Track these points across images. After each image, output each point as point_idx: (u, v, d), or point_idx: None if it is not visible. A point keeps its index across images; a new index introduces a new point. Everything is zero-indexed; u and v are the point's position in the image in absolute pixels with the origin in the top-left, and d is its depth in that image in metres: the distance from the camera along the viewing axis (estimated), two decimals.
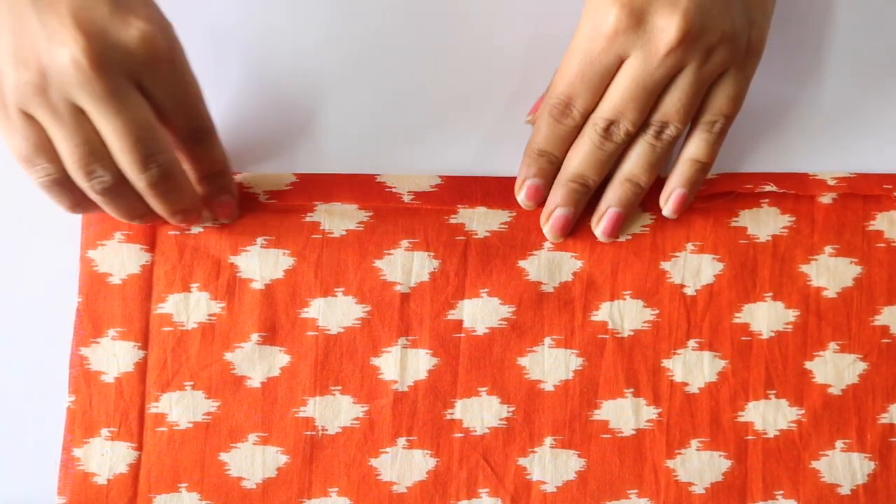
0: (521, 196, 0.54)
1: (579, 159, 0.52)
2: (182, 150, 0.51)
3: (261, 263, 0.54)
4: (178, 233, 0.54)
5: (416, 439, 0.54)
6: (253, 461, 0.54)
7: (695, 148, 0.52)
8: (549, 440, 0.54)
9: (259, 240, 0.54)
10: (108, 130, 0.47)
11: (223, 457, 0.54)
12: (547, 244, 0.54)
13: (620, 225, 0.54)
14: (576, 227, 0.54)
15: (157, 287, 0.54)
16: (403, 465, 0.54)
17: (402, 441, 0.54)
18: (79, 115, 0.46)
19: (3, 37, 0.46)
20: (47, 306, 0.55)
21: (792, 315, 0.54)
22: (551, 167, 0.53)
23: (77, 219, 0.54)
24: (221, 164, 0.53)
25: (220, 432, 0.54)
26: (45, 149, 0.47)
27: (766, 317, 0.54)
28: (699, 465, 0.53)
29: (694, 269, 0.54)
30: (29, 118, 0.47)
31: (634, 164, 0.52)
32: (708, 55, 0.49)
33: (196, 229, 0.54)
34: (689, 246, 0.54)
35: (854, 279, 0.54)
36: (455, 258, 0.54)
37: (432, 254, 0.54)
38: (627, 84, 0.50)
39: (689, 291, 0.54)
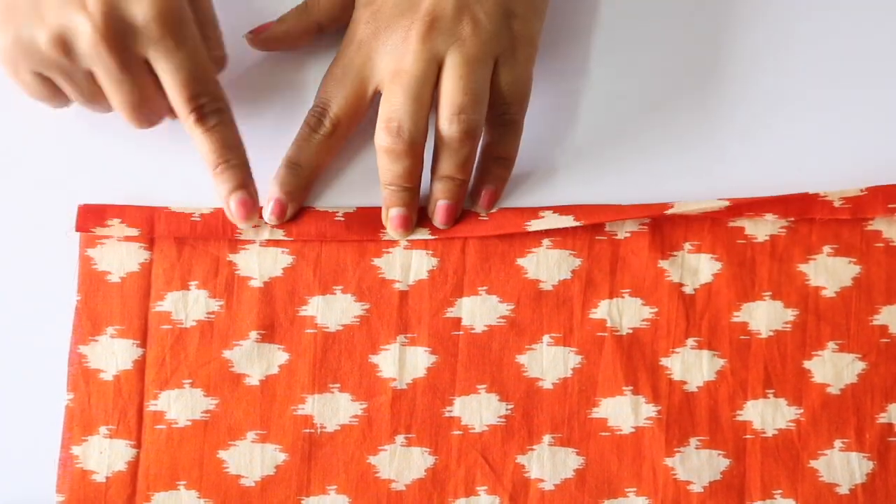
0: (268, 212, 0.54)
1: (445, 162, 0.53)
2: (192, 131, 0.51)
3: (259, 261, 0.54)
4: (177, 222, 0.54)
5: (415, 437, 0.54)
6: (251, 459, 0.54)
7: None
8: (547, 438, 0.54)
9: (258, 238, 0.54)
10: (114, 100, 0.50)
11: (222, 455, 0.54)
12: (546, 242, 0.54)
13: (453, 214, 0.54)
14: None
15: (155, 285, 0.54)
16: (402, 462, 0.54)
17: (400, 439, 0.54)
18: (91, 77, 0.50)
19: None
20: (47, 304, 0.55)
21: (791, 314, 0.54)
22: (302, 181, 0.54)
23: (67, 216, 0.54)
24: (235, 152, 0.53)
25: (219, 430, 0.54)
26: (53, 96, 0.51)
27: (764, 316, 0.54)
28: (698, 464, 0.53)
29: (692, 268, 0.54)
30: (37, 74, 0.50)
31: (441, 182, 0.53)
32: (463, 42, 0.50)
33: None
34: (687, 245, 0.54)
35: (853, 279, 0.54)
36: (453, 256, 0.54)
37: (431, 252, 0.54)
38: (393, 85, 0.51)
39: (688, 290, 0.54)
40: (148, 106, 0.51)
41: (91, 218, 0.54)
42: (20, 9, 0.48)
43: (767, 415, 0.53)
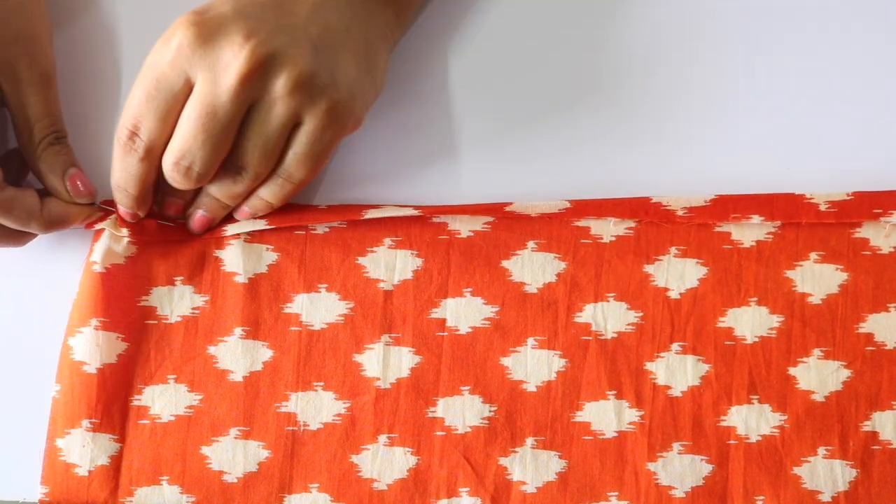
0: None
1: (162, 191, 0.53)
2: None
3: (245, 258, 0.54)
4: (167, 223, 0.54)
5: (398, 437, 0.54)
6: (234, 455, 0.54)
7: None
8: (530, 440, 0.54)
9: (243, 234, 0.54)
10: None
11: (204, 450, 0.54)
12: (531, 244, 0.54)
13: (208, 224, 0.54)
14: (560, 228, 0.54)
15: (141, 280, 0.54)
16: (384, 462, 0.54)
17: (383, 438, 0.54)
18: None
19: None
20: (50, 294, 0.55)
21: (776, 321, 0.54)
22: (131, 200, 0.52)
23: None
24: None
25: (202, 426, 0.54)
26: None
27: (750, 322, 0.54)
28: (680, 469, 0.53)
29: (678, 273, 0.54)
30: None
31: (209, 198, 0.52)
32: (281, 96, 0.48)
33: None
34: (673, 250, 0.54)
35: (839, 286, 0.54)
36: (438, 257, 0.54)
37: (416, 252, 0.54)
38: (195, 116, 0.48)
39: (674, 295, 0.54)
40: None
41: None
42: None
43: (752, 420, 0.53)
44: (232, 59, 0.47)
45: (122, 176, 0.51)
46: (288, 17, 0.48)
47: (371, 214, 0.53)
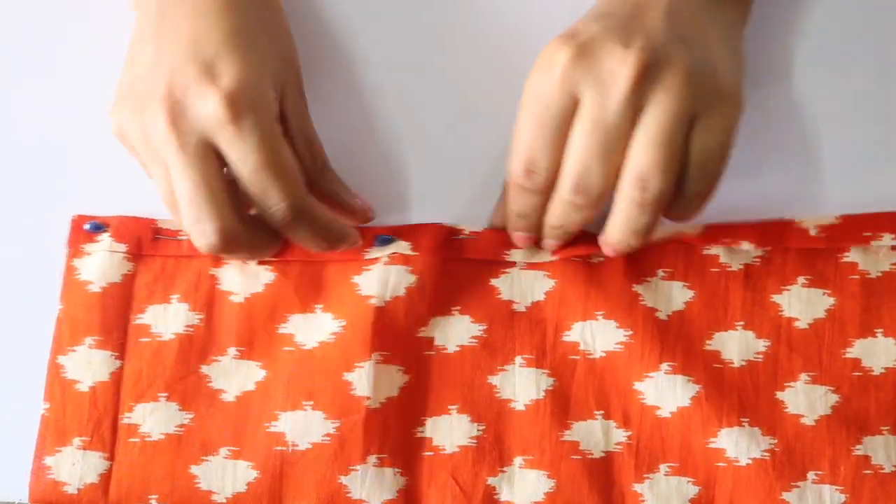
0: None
1: (555, 215, 0.51)
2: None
3: (241, 277, 0.55)
4: (164, 237, 0.55)
5: (387, 457, 0.53)
6: (223, 475, 0.54)
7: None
8: (518, 460, 0.53)
9: None
10: (176, 188, 0.48)
11: (194, 470, 0.54)
12: (520, 262, 0.55)
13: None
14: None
15: (137, 297, 0.55)
16: (373, 482, 0.53)
17: (372, 459, 0.53)
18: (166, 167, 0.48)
19: (130, 78, 0.50)
20: (34, 312, 0.55)
21: (762, 345, 0.54)
22: (532, 224, 0.52)
23: (62, 225, 0.56)
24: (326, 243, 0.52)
25: (192, 445, 0.54)
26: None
27: (736, 346, 0.54)
28: (667, 491, 0.53)
29: (665, 295, 0.55)
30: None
31: (616, 229, 0.49)
32: (669, 95, 0.47)
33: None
34: (660, 272, 0.55)
35: (826, 311, 0.54)
36: (432, 274, 0.54)
37: (410, 268, 0.55)
38: (587, 132, 0.47)
39: (662, 316, 0.54)
40: (197, 209, 0.48)
41: (83, 235, 0.55)
42: (122, 93, 0.50)
43: (742, 443, 0.53)
44: (619, 67, 0.46)
45: (521, 209, 0.52)
46: (652, 21, 0.48)
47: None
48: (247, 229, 0.49)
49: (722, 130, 0.48)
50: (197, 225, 0.48)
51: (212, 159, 0.47)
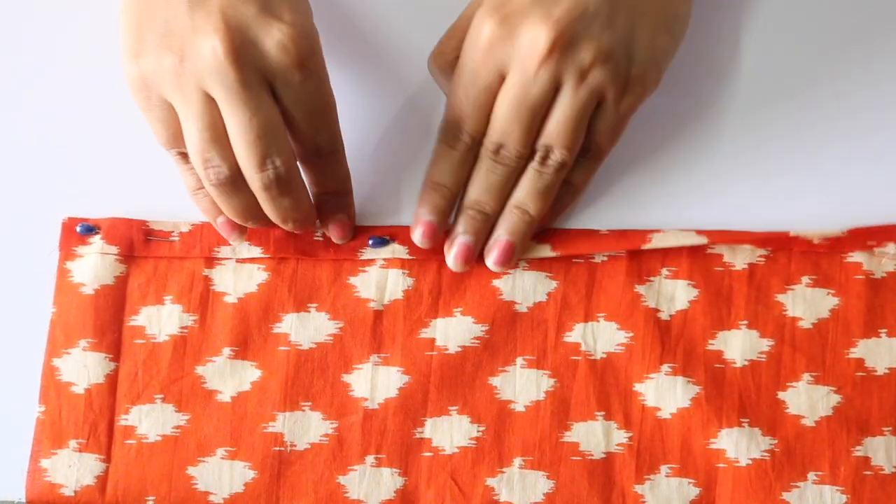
0: (417, 235, 0.53)
1: (475, 185, 0.52)
2: (304, 163, 0.51)
3: (235, 277, 0.54)
4: (156, 238, 0.54)
5: (385, 457, 0.53)
6: (220, 476, 0.53)
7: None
8: (518, 461, 0.53)
9: (234, 255, 0.54)
10: (233, 122, 0.47)
11: (191, 471, 0.53)
12: (522, 263, 0.54)
13: (511, 254, 0.53)
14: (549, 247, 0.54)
15: (130, 299, 0.54)
16: (371, 483, 0.53)
17: (370, 459, 0.53)
18: (208, 102, 0.47)
19: (156, 25, 0.48)
20: (28, 315, 0.55)
21: (766, 344, 0.54)
22: (445, 202, 0.53)
23: (53, 228, 0.55)
24: (343, 183, 0.53)
25: (189, 446, 0.53)
26: (179, 137, 0.49)
27: (740, 345, 0.54)
28: (667, 492, 0.53)
29: (668, 294, 0.54)
30: (167, 105, 0.48)
31: (522, 191, 0.52)
32: (583, 73, 0.49)
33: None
34: (664, 271, 0.54)
35: (830, 310, 0.54)
36: (430, 276, 0.54)
37: (407, 271, 0.54)
38: (508, 101, 0.49)
39: (664, 316, 0.54)
40: (266, 143, 0.47)
41: (74, 237, 0.54)
42: (150, 39, 0.48)
43: (742, 444, 0.53)
44: (533, 42, 0.48)
45: (440, 176, 0.52)
46: None
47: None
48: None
49: (620, 114, 0.51)
50: (265, 160, 0.47)
51: (269, 93, 0.48)
